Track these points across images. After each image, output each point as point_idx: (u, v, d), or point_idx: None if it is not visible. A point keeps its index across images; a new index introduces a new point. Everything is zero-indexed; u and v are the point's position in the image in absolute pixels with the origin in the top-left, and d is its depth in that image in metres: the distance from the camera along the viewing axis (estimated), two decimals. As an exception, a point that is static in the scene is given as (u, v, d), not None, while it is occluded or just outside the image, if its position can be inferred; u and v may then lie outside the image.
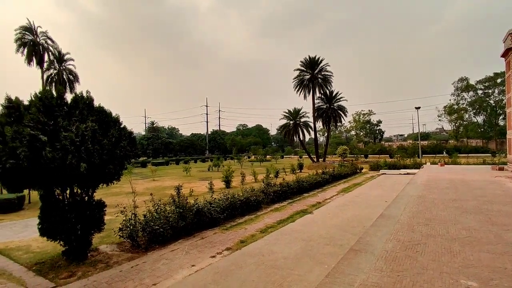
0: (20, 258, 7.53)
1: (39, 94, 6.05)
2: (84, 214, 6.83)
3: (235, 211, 11.18)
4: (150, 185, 24.01)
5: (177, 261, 6.97)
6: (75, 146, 5.66)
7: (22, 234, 10.34)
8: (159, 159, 61.88)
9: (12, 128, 5.51)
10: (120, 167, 6.71)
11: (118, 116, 7.02)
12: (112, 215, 10.08)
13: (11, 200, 15.44)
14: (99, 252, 7.72)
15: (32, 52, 34.25)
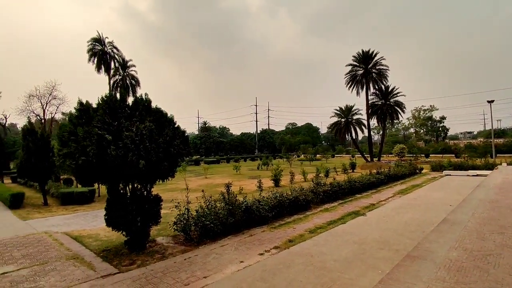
0: (90, 244, 8.46)
1: (104, 97, 6.73)
2: (143, 207, 7.39)
3: (283, 210, 11.14)
4: (203, 182, 25.14)
5: (227, 256, 7.18)
6: (135, 145, 6.16)
7: (92, 224, 11.60)
8: (211, 158, 64.54)
9: (83, 129, 6.20)
10: (174, 165, 7.14)
11: (172, 116, 7.48)
12: (167, 209, 10.76)
13: (84, 193, 17.43)
14: (156, 244, 8.30)
15: (101, 60, 38.31)
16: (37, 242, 8.74)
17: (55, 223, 11.82)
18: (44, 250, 8.00)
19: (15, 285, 5.84)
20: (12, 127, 68.27)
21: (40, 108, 33.36)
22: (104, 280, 6.03)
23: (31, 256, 7.55)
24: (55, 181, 22.76)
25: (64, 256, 7.43)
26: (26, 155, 16.68)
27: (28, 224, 11.80)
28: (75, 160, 6.21)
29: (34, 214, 13.92)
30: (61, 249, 8.05)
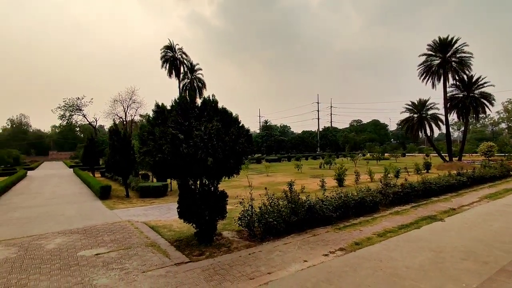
0: (165, 234, 9.28)
1: (177, 100, 7.31)
2: (211, 202, 7.83)
3: (348, 210, 10.67)
4: (264, 180, 25.54)
5: (290, 255, 7.18)
6: (203, 143, 6.57)
7: (166, 215, 12.69)
8: (272, 156, 65.17)
9: (159, 129, 6.83)
10: (239, 162, 7.40)
11: (237, 115, 7.77)
12: (232, 205, 11.19)
13: (159, 187, 19.18)
14: (222, 237, 8.71)
15: (172, 66, 41.75)
16: (122, 229, 9.93)
17: (135, 213, 13.26)
18: (127, 236, 9.05)
19: (106, 265, 6.73)
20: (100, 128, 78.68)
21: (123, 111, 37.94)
22: (178, 267, 6.56)
23: (118, 241, 8.61)
24: (135, 176, 25.54)
25: (144, 243, 8.30)
26: (112, 152, 19.07)
27: (114, 213, 13.46)
28: (153, 157, 6.88)
29: (119, 205, 15.82)
30: (141, 236, 9.01)
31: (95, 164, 37.42)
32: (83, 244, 8.35)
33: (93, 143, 36.73)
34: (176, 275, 6.13)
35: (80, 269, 6.52)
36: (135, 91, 38.41)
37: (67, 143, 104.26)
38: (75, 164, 53.67)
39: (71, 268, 6.60)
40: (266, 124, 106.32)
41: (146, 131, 7.15)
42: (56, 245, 8.39)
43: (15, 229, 10.94)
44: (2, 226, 11.47)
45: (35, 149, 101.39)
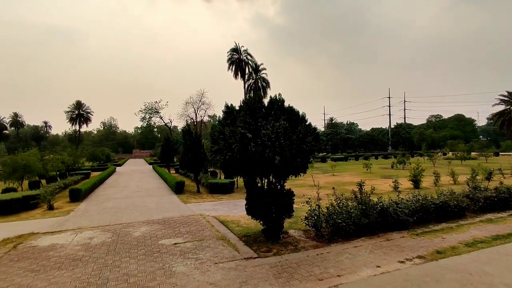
0: (233, 229, 9.68)
1: (245, 100, 7.57)
2: (277, 200, 7.91)
3: (428, 215, 9.67)
4: (330, 179, 24.76)
5: (361, 258, 6.83)
6: (271, 142, 6.66)
7: (234, 211, 13.23)
8: (338, 155, 62.76)
9: (229, 128, 7.17)
10: (306, 161, 7.32)
11: (304, 114, 7.69)
12: (298, 204, 11.13)
13: (226, 184, 20.09)
14: (289, 236, 8.73)
15: (238, 67, 43.34)
16: (196, 222, 10.69)
17: (206, 208, 14.14)
18: (200, 229, 9.71)
19: (183, 254, 7.33)
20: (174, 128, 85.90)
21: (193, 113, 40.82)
22: (247, 262, 6.79)
23: (192, 232, 9.30)
24: (204, 173, 27.24)
25: (215, 236, 8.81)
26: (185, 151, 20.66)
27: (187, 207, 14.57)
28: (223, 155, 7.25)
29: (191, 199, 17.06)
30: (212, 230, 9.57)
31: (170, 161, 41.09)
32: (163, 234, 9.24)
33: (168, 142, 40.37)
34: (246, 269, 6.35)
35: (161, 256, 7.22)
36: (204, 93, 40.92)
37: (147, 142, 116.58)
38: (154, 161, 59.56)
39: (153, 255, 7.36)
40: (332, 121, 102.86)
41: (217, 131, 7.56)
42: (141, 233, 9.45)
43: (109, 217, 12.66)
44: (99, 214, 13.38)
45: (122, 148, 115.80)
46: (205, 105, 40.77)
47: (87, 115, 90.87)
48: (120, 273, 6.30)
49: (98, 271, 6.42)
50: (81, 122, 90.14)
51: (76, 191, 17.85)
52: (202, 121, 42.28)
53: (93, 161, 55.92)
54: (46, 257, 7.46)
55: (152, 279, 5.96)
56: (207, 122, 52.09)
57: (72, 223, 11.55)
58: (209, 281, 5.81)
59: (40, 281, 6.01)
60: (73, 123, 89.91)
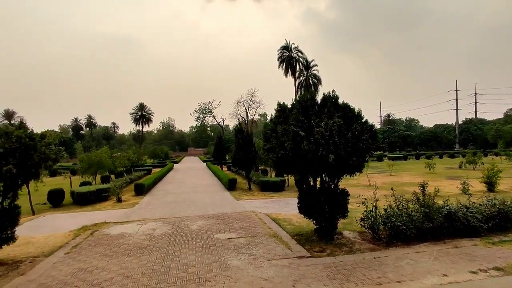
0: (285, 227, 9.69)
1: (298, 98, 7.51)
2: (331, 200, 7.71)
3: (507, 222, 8.56)
4: (387, 179, 23.34)
5: (424, 265, 6.33)
6: (325, 140, 6.52)
7: (285, 209, 13.23)
8: (396, 153, 58.81)
9: (281, 127, 7.19)
10: (362, 160, 7.01)
11: (360, 110, 7.37)
12: (352, 204, 10.72)
13: (277, 182, 20.15)
14: (343, 237, 8.46)
15: (288, 65, 43.10)
16: (248, 219, 10.94)
17: (257, 205, 14.37)
18: (253, 225, 9.91)
19: (237, 249, 7.57)
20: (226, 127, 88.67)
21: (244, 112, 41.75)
22: (300, 260, 6.76)
23: (245, 228, 9.54)
24: (255, 171, 27.69)
25: (267, 233, 8.92)
26: (237, 149, 21.23)
27: (240, 204, 14.97)
28: (275, 154, 7.30)
29: (243, 196, 17.49)
30: (264, 227, 9.71)
31: (223, 159, 42.58)
32: (218, 228, 9.64)
33: (221, 141, 41.90)
34: (299, 268, 6.33)
35: (217, 250, 7.55)
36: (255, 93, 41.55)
37: (201, 141, 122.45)
38: (207, 159, 62.31)
39: (210, 248, 7.73)
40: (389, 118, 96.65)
41: (269, 129, 7.64)
42: (198, 226, 9.98)
43: (168, 210, 13.62)
44: (160, 207, 14.47)
45: (178, 146, 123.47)
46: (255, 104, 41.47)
47: (148, 116, 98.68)
48: (180, 263, 6.75)
49: (161, 260, 6.96)
50: (143, 123, 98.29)
51: (140, 186, 19.54)
52: (253, 119, 42.99)
53: (153, 158, 60.65)
54: (117, 244, 8.31)
55: (209, 270, 6.27)
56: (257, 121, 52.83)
57: (137, 215, 12.67)
58: (263, 277, 5.91)
59: (113, 265, 6.72)
60: (136, 124, 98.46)
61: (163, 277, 6.01)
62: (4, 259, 7.37)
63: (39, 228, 11.00)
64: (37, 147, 6.66)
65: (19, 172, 6.33)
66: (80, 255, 7.52)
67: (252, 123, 42.90)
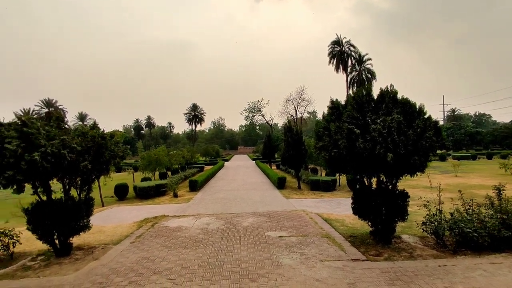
0: (338, 228, 9.38)
1: (352, 94, 7.20)
2: (389, 201, 7.25)
3: None
4: (452, 181, 21.28)
5: (501, 278, 5.62)
6: (382, 137, 6.14)
7: (337, 209, 12.82)
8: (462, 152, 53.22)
9: (335, 124, 6.95)
10: (425, 159, 6.45)
11: (422, 106, 6.79)
12: (412, 207, 9.97)
13: (328, 181, 19.59)
14: (402, 241, 7.91)
15: (339, 60, 41.53)
16: (299, 218, 10.83)
17: (308, 204, 14.15)
18: (304, 225, 9.78)
19: (288, 247, 7.54)
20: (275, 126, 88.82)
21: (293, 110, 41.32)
22: (354, 263, 6.49)
23: (296, 227, 9.46)
24: (304, 170, 27.30)
25: (319, 233, 8.73)
26: (286, 147, 21.11)
27: (289, 202, 14.88)
28: (328, 152, 7.09)
29: (293, 195, 17.35)
30: (315, 227, 9.52)
31: (271, 157, 42.75)
32: (269, 226, 9.70)
33: (270, 139, 42.09)
34: (354, 271, 6.08)
35: (268, 247, 7.61)
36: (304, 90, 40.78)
37: (250, 139, 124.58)
38: (256, 157, 63.13)
39: (261, 245, 7.82)
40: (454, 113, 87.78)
41: (322, 127, 7.45)
42: (249, 223, 10.17)
43: (220, 206, 14.10)
44: (213, 203, 15.04)
45: (228, 145, 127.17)
46: (304, 101, 40.74)
47: (201, 116, 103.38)
48: (233, 257, 6.94)
49: (215, 253, 7.23)
50: (196, 122, 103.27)
51: (194, 182, 20.55)
52: (302, 117, 42.36)
53: (205, 156, 63.40)
54: (175, 236, 8.85)
55: (261, 267, 6.34)
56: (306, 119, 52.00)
57: (192, 210, 13.35)
58: (316, 277, 5.80)
59: (172, 256, 7.17)
60: (190, 123, 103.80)
61: (218, 270, 6.24)
62: (81, 244, 8.34)
63: (108, 218, 12.22)
64: (108, 146, 7.39)
65: (93, 168, 7.09)
66: (143, 244, 8.16)
67: (301, 121, 42.23)
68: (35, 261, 7.26)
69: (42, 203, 7.10)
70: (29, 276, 6.37)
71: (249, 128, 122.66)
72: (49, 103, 71.25)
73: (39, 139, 6.07)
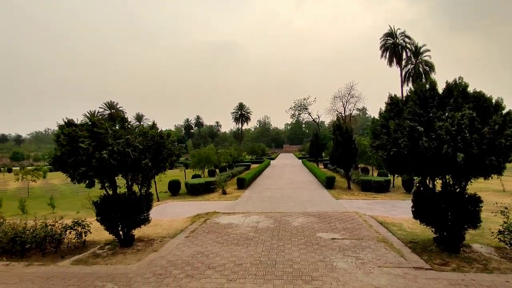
0: (396, 232, 8.77)
1: (413, 88, 6.64)
2: (456, 205, 6.56)
3: None
4: (530, 185, 18.71)
5: None
6: (450, 136, 5.55)
7: (392, 212, 12.02)
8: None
9: (394, 122, 6.48)
10: (504, 159, 5.68)
11: (500, 100, 5.99)
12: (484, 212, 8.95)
13: (381, 182, 18.52)
14: (472, 250, 7.12)
15: (393, 53, 38.86)
16: (351, 219, 10.37)
17: (359, 206, 13.50)
18: (357, 227, 9.34)
19: (342, 251, 7.24)
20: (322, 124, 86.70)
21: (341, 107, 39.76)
22: (417, 271, 5.99)
23: (349, 230, 9.07)
24: (354, 169, 26.17)
25: (375, 237, 8.25)
26: (335, 146, 20.39)
27: (339, 203, 14.34)
28: (386, 151, 6.64)
29: (342, 195, 16.71)
30: (370, 230, 9.02)
31: (319, 156, 41.83)
32: (320, 227, 9.44)
33: (317, 137, 41.19)
34: (417, 280, 5.61)
35: (321, 249, 7.39)
36: (353, 86, 38.87)
37: (296, 138, 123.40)
38: (302, 156, 62.30)
39: (313, 246, 7.62)
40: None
41: (379, 125, 6.99)
42: (299, 223, 10.00)
43: (268, 205, 14.12)
44: (260, 201, 15.14)
45: (274, 143, 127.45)
46: (354, 98, 38.90)
47: (247, 115, 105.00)
48: (285, 258, 6.86)
49: (267, 252, 7.22)
50: (243, 121, 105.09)
51: (242, 180, 20.90)
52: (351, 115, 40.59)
53: (251, 154, 64.28)
54: (226, 233, 9.05)
55: (314, 269, 6.17)
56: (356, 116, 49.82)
57: (240, 207, 13.57)
58: (374, 284, 5.47)
59: (224, 252, 7.33)
60: (236, 122, 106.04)
61: (270, 269, 6.21)
62: (141, 236, 8.94)
63: (163, 212, 12.97)
64: (166, 144, 7.81)
65: (153, 165, 7.54)
66: (197, 239, 8.48)
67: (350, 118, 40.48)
68: (103, 250, 7.96)
69: (108, 197, 7.75)
70: (99, 263, 6.99)
71: (294, 127, 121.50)
72: (111, 105, 77.99)
73: (107, 138, 6.62)
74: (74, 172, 6.65)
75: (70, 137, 6.59)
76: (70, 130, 6.66)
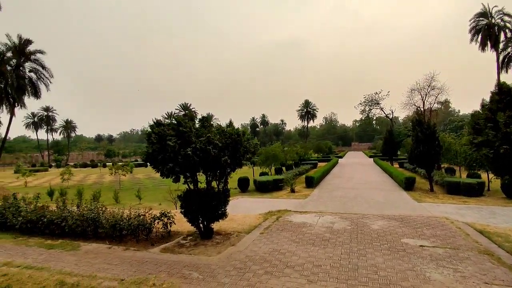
0: (502, 244, 7.48)
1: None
2: None
3: None
4: None
5: None
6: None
7: (491, 220, 10.39)
8: None
9: (504, 114, 5.49)
10: None
11: None
12: None
13: (472, 184, 16.06)
14: None
15: (487, 36, 33.41)
16: (441, 226, 9.23)
17: (447, 211, 11.99)
18: (450, 235, 8.25)
19: (435, 260, 6.44)
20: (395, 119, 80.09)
21: (420, 100, 35.83)
22: (538, 294, 4.98)
23: (440, 237, 8.07)
24: (437, 169, 23.41)
25: (474, 248, 7.17)
26: (415, 144, 18.43)
27: (422, 206, 12.95)
28: (493, 149, 5.67)
29: (425, 198, 15.04)
30: (468, 239, 7.88)
31: (393, 154, 38.71)
32: (403, 232, 8.62)
33: (391, 135, 38.13)
34: (540, 305, 4.66)
35: (408, 256, 6.70)
36: (435, 77, 34.51)
37: (366, 135, 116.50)
38: (374, 154, 58.46)
39: (399, 253, 6.96)
40: None
41: (483, 118, 6.02)
42: (379, 226, 9.29)
43: (339, 205, 13.52)
44: (331, 201, 14.59)
45: (341, 141, 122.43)
46: (435, 90, 34.61)
47: (313, 112, 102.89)
48: (368, 263, 6.40)
49: (346, 256, 6.84)
50: (308, 119, 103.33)
51: (311, 179, 20.48)
52: (431, 108, 36.30)
53: (318, 152, 62.80)
54: (301, 232, 8.89)
55: (403, 278, 5.61)
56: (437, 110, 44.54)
57: (311, 206, 13.27)
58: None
59: (301, 251, 7.19)
60: (302, 120, 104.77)
61: (353, 274, 5.85)
62: (219, 230, 9.36)
63: (235, 208, 13.42)
64: (242, 142, 8.01)
65: (231, 162, 7.81)
66: (272, 236, 8.52)
67: (431, 112, 36.20)
68: (186, 240, 8.55)
69: (191, 191, 8.29)
70: (183, 252, 7.52)
71: (364, 123, 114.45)
72: (185, 107, 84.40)
73: (191, 136, 7.06)
74: (163, 168, 7.25)
75: (160, 136, 7.20)
76: (159, 129, 7.29)
